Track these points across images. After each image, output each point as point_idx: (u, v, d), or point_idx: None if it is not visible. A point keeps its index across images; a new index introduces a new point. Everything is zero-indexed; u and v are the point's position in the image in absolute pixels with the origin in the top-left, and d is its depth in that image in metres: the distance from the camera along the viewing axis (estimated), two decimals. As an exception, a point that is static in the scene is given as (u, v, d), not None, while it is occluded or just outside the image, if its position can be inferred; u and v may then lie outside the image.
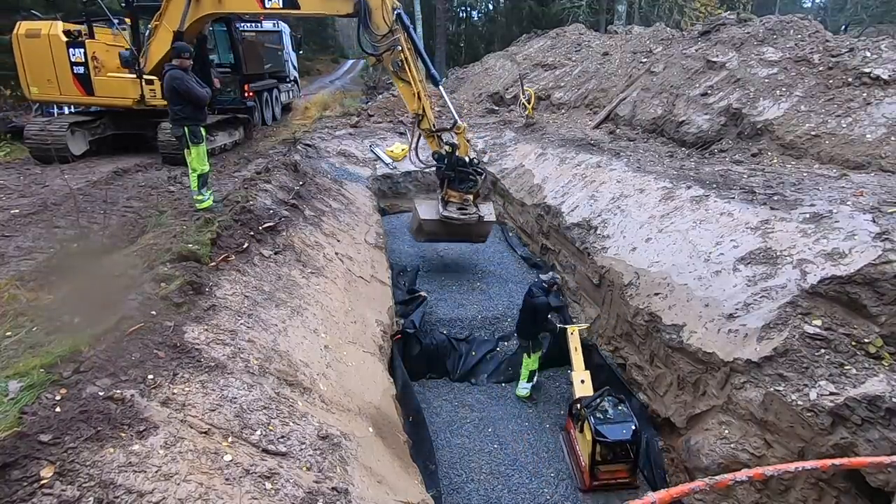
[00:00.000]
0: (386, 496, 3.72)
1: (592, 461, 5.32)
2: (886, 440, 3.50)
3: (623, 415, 5.39)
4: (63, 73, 10.38)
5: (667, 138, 10.76)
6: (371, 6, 7.60)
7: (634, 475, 5.47)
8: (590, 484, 5.43)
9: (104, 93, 10.52)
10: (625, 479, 5.46)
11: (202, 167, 6.40)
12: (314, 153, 12.39)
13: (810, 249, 4.78)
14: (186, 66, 6.20)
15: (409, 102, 8.29)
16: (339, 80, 43.05)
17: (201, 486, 2.69)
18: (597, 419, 5.33)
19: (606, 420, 5.33)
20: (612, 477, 5.44)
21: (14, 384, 2.74)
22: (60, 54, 10.28)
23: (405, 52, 7.73)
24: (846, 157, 7.45)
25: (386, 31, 7.63)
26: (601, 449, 5.27)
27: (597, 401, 5.54)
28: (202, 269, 4.71)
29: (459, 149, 8.26)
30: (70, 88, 10.55)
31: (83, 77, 10.38)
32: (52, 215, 6.91)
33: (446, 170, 8.36)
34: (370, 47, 7.77)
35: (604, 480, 5.43)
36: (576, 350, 6.52)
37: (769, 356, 4.32)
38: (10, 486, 2.24)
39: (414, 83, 7.93)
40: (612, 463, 5.39)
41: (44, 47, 10.26)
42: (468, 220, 8.40)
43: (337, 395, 4.46)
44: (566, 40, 20.32)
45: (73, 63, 10.31)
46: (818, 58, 9.05)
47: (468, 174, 8.37)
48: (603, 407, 5.47)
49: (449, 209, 8.39)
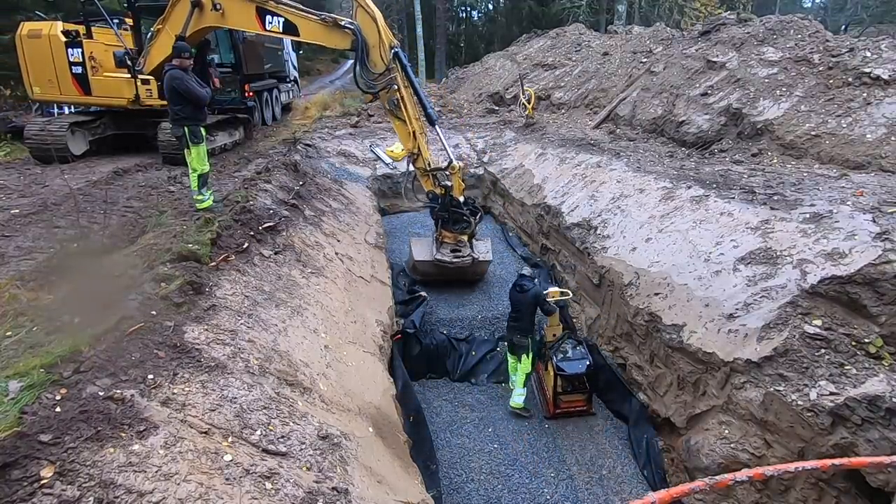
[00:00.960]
0: (386, 496, 3.72)
1: (555, 392, 6.39)
2: (886, 440, 3.50)
3: (580, 354, 6.37)
4: (62, 73, 10.41)
5: (667, 138, 10.76)
6: (369, 44, 7.30)
7: (590, 403, 6.51)
8: (553, 411, 6.47)
9: (101, 92, 10.55)
10: (582, 407, 6.48)
11: (202, 167, 6.40)
12: (314, 153, 12.39)
13: (810, 249, 4.78)
14: (186, 66, 6.20)
15: (404, 141, 8.16)
16: (339, 80, 43.01)
17: (201, 486, 2.68)
18: (558, 357, 6.32)
19: (566, 358, 6.32)
20: (571, 405, 6.48)
21: (14, 384, 2.74)
22: (60, 54, 10.31)
23: (401, 90, 7.57)
24: (846, 157, 7.46)
25: (383, 69, 7.41)
26: (561, 382, 6.34)
27: (559, 343, 6.54)
28: (202, 269, 4.71)
29: (454, 189, 8.15)
30: (69, 88, 10.59)
31: (81, 77, 10.42)
32: (52, 215, 6.91)
33: (440, 210, 8.31)
34: (366, 85, 7.57)
35: (565, 409, 6.47)
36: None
37: (769, 356, 4.32)
38: (11, 485, 2.24)
39: (409, 122, 7.80)
40: (571, 393, 6.43)
41: (44, 47, 10.31)
42: (461, 265, 8.30)
43: (337, 395, 4.46)
44: (566, 40, 20.32)
45: (72, 63, 10.35)
46: (818, 58, 9.05)
47: (462, 215, 8.29)
48: (564, 348, 6.47)
49: (442, 251, 8.35)
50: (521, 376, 6.51)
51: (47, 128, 10.26)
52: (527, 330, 6.52)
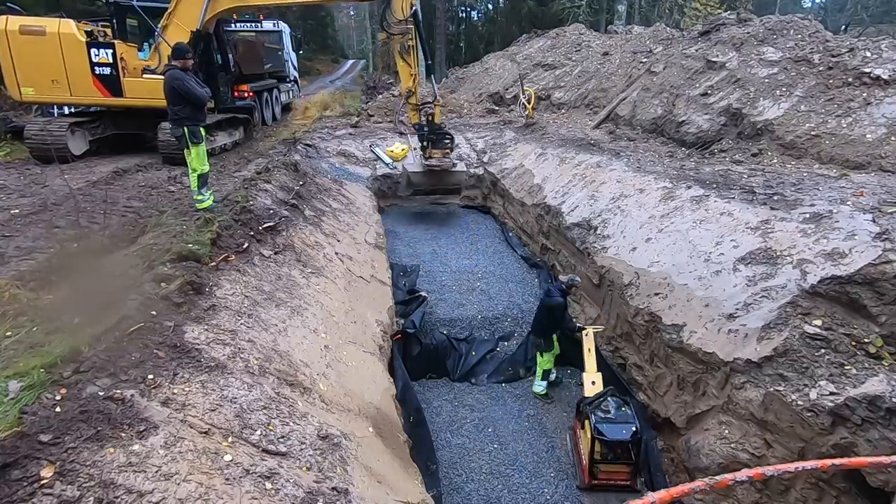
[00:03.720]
0: (386, 496, 3.72)
1: (591, 459, 5.30)
2: (886, 440, 3.50)
3: (625, 416, 5.32)
4: (78, 75, 10.09)
5: (667, 138, 10.76)
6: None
7: (634, 479, 5.38)
8: (589, 481, 5.39)
9: (136, 94, 10.31)
10: (624, 481, 5.38)
11: (202, 167, 6.40)
12: (314, 153, 12.38)
13: (810, 249, 4.77)
14: (187, 66, 6.20)
15: (405, 80, 10.22)
16: (339, 80, 43.06)
17: (201, 486, 2.68)
18: (598, 417, 5.30)
19: (607, 419, 5.28)
20: (610, 477, 5.39)
21: (14, 384, 2.74)
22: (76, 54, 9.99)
23: (414, 40, 9.62)
24: (846, 157, 7.45)
25: (402, 19, 9.41)
26: (600, 447, 5.24)
27: (600, 399, 5.51)
28: (202, 269, 4.70)
29: (435, 118, 10.45)
30: (87, 89, 10.27)
31: (108, 78, 10.14)
32: (52, 215, 6.91)
33: (429, 134, 10.66)
34: (387, 25, 9.56)
35: (603, 480, 5.38)
36: (589, 351, 6.44)
37: (769, 356, 4.31)
38: (11, 486, 2.24)
39: (413, 66, 9.85)
40: (612, 463, 5.33)
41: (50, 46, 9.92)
42: (447, 166, 10.93)
43: (337, 395, 4.46)
44: (566, 40, 20.32)
45: (96, 64, 10.08)
46: (818, 58, 9.05)
47: (443, 135, 10.84)
48: (606, 406, 5.43)
49: (430, 161, 10.86)
50: (539, 370, 6.83)
51: (47, 128, 10.24)
52: (541, 331, 6.82)
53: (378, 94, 23.94)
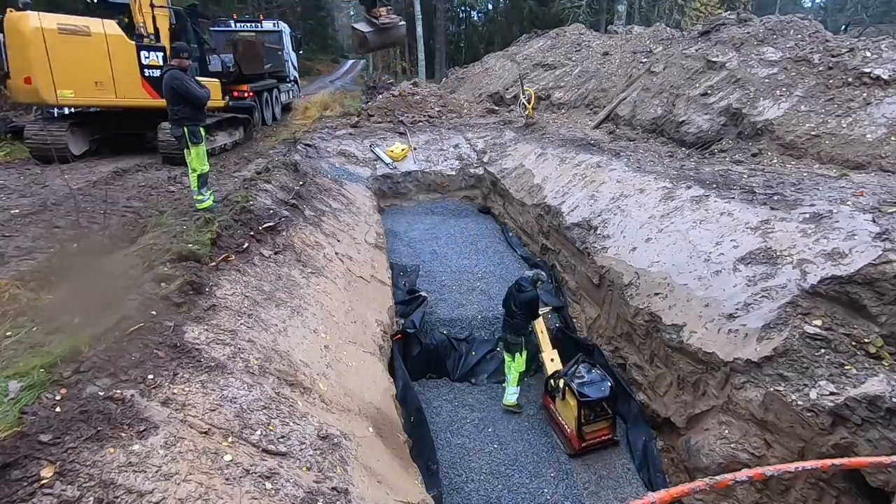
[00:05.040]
0: (386, 496, 3.72)
1: (580, 423, 5.71)
2: (886, 440, 3.50)
3: (599, 376, 5.92)
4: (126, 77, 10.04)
5: (667, 138, 10.76)
6: None
7: (615, 430, 5.93)
8: (579, 446, 5.80)
9: None
10: (607, 436, 5.90)
11: (202, 167, 6.41)
12: (314, 153, 12.38)
13: (810, 249, 4.77)
14: (186, 66, 6.21)
15: None
16: (339, 80, 43.05)
17: (201, 486, 2.69)
18: (578, 383, 5.78)
19: (585, 383, 5.80)
20: (596, 436, 5.86)
21: (14, 384, 2.74)
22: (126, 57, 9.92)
23: None
24: (846, 157, 7.46)
25: None
26: (586, 410, 5.69)
27: (573, 368, 6.01)
28: (202, 269, 4.71)
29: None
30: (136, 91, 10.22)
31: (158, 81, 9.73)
32: (52, 215, 6.92)
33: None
34: None
35: (590, 441, 5.84)
36: (542, 333, 6.92)
37: (769, 356, 4.31)
38: (11, 486, 2.24)
39: None
40: (595, 422, 5.82)
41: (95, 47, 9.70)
42: (397, 22, 12.92)
43: (337, 395, 4.46)
44: (566, 40, 20.32)
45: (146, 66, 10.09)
46: (818, 58, 9.05)
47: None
48: (579, 373, 5.96)
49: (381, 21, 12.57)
50: (514, 374, 6.54)
51: (47, 128, 10.24)
52: (520, 328, 6.52)
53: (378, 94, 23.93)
